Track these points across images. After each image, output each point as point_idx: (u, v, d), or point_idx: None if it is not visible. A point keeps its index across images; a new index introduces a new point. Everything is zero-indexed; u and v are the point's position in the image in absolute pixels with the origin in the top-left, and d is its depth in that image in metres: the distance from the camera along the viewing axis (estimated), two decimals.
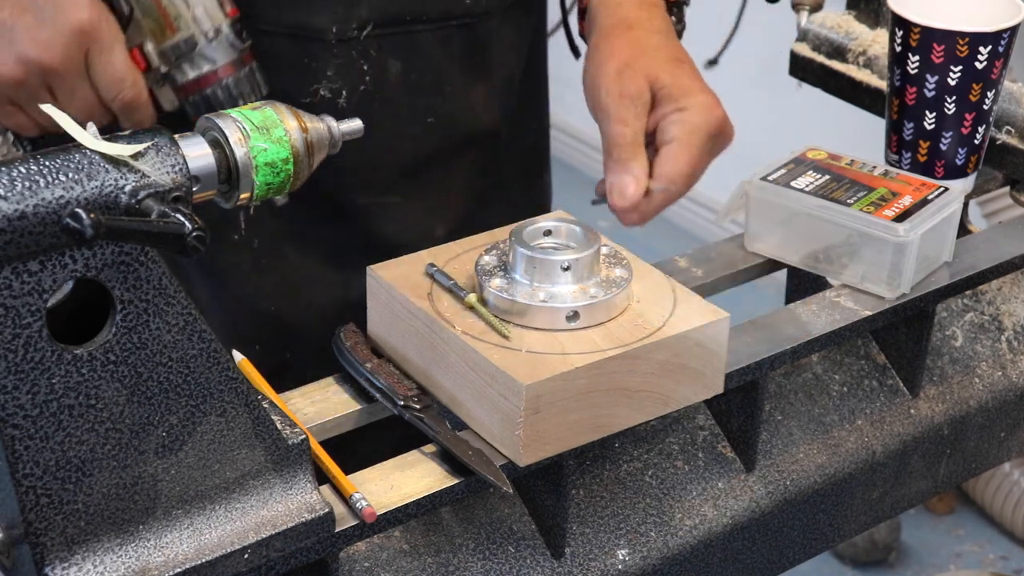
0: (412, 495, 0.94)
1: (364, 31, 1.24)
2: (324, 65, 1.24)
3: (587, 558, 1.03)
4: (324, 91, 1.25)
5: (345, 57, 1.25)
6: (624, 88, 1.15)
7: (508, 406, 0.93)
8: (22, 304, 0.76)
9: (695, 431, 1.12)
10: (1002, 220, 1.44)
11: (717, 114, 1.15)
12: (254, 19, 1.22)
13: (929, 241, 1.16)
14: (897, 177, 1.20)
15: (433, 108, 1.31)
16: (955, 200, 1.18)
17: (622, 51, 1.18)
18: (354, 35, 1.24)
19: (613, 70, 1.16)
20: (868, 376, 1.21)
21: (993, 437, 1.29)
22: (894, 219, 1.14)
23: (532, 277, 0.99)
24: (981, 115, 1.25)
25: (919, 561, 2.69)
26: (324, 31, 1.23)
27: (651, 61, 1.16)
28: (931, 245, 1.17)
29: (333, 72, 1.24)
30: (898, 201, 1.17)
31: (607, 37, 1.20)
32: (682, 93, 1.14)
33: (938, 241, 1.18)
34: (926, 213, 1.16)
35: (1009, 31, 1.22)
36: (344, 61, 1.25)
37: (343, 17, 1.23)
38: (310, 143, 0.87)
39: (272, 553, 0.87)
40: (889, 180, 1.20)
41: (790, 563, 1.18)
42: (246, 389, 0.86)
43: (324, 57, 1.24)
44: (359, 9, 1.24)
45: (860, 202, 1.16)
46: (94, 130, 0.79)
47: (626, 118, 1.14)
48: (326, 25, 1.23)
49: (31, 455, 0.79)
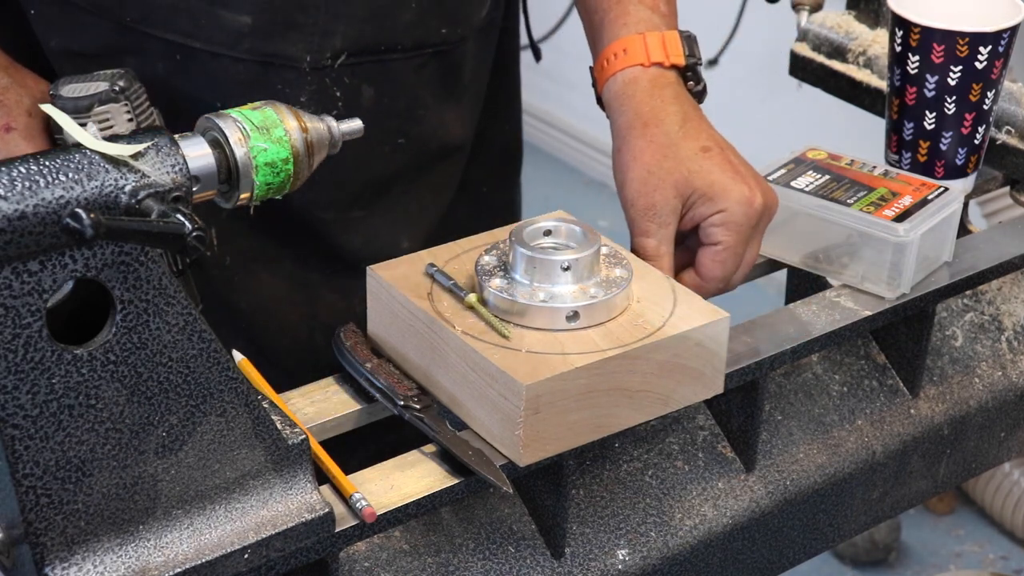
0: (412, 495, 0.94)
1: (338, 60, 1.23)
2: (298, 91, 1.23)
3: (587, 558, 1.03)
4: None
5: (319, 84, 1.24)
6: (648, 199, 1.12)
7: (508, 406, 0.93)
8: (22, 304, 0.76)
9: (695, 431, 1.12)
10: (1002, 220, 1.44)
11: (757, 205, 1.11)
12: (228, 47, 1.21)
13: (929, 241, 1.16)
14: (897, 177, 1.20)
15: (404, 130, 1.31)
16: (955, 200, 1.18)
17: (643, 154, 1.14)
18: (328, 64, 1.23)
19: (637, 178, 1.13)
20: (868, 376, 1.21)
21: (993, 437, 1.29)
22: (894, 219, 1.14)
23: (532, 277, 0.99)
24: (981, 115, 1.25)
25: (919, 561, 2.69)
26: (298, 60, 1.22)
27: (675, 164, 1.12)
28: (931, 245, 1.17)
29: (306, 98, 1.23)
30: (898, 201, 1.17)
31: (626, 139, 1.16)
32: (718, 194, 1.11)
33: (938, 241, 1.18)
34: (926, 213, 1.16)
35: (1009, 31, 1.22)
36: (317, 88, 1.24)
37: (317, 47, 1.22)
38: (310, 143, 0.87)
39: (272, 553, 0.87)
40: (889, 180, 1.20)
41: (790, 563, 1.18)
42: (246, 389, 0.86)
43: (298, 84, 1.23)
44: (333, 39, 1.23)
45: (860, 202, 1.16)
46: (94, 130, 0.79)
47: (649, 230, 1.11)
48: (300, 54, 1.22)
49: (31, 455, 0.79)
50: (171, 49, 1.21)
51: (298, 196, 1.25)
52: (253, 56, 1.21)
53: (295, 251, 1.30)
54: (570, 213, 1.07)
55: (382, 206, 1.32)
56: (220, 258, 1.28)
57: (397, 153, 1.31)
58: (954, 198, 1.18)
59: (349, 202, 1.30)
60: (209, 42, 1.20)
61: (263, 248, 1.29)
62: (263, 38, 1.21)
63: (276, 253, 1.30)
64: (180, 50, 1.21)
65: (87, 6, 1.21)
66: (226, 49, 1.21)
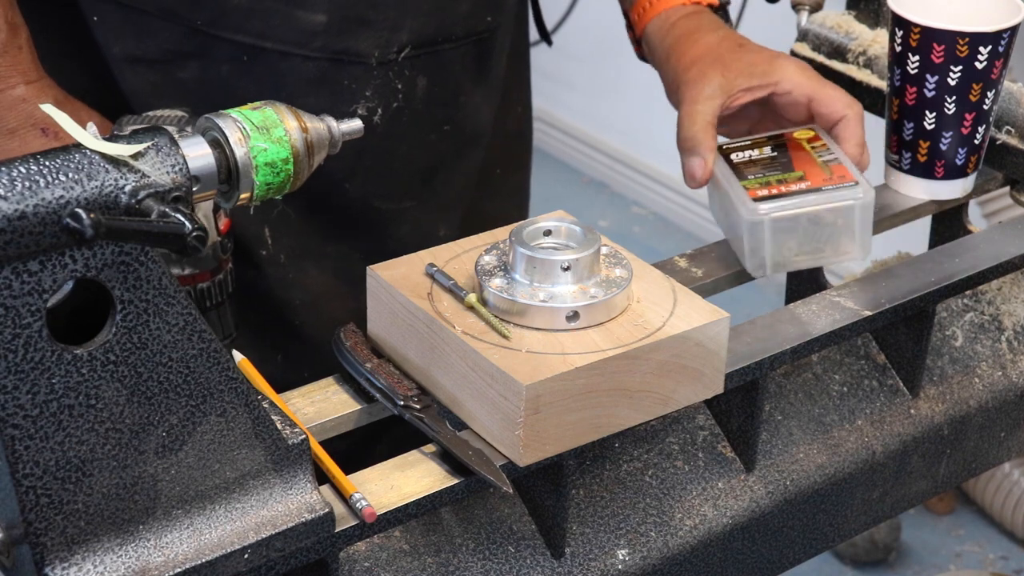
0: (412, 495, 0.94)
1: (403, 53, 1.26)
2: (363, 86, 1.26)
3: (587, 558, 1.03)
4: (361, 110, 1.27)
5: (383, 78, 1.27)
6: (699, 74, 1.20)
7: (508, 406, 0.93)
8: (22, 304, 0.76)
9: (695, 431, 1.12)
10: (1002, 220, 1.44)
11: None
12: (300, 46, 1.23)
13: (805, 229, 1.14)
14: (833, 166, 1.18)
15: (449, 117, 1.34)
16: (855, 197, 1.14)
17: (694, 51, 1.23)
18: (393, 58, 1.26)
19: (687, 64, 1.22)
20: (868, 376, 1.21)
21: (993, 437, 1.29)
22: (761, 199, 1.14)
23: (532, 277, 0.99)
24: (981, 115, 1.25)
25: (919, 561, 2.69)
26: (367, 55, 1.25)
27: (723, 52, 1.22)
28: (809, 234, 1.15)
29: (371, 92, 1.27)
30: (791, 185, 1.15)
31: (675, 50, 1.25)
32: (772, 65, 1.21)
33: (824, 233, 1.15)
34: (798, 201, 1.14)
35: (1009, 31, 1.22)
36: (382, 82, 1.27)
37: (386, 42, 1.25)
38: (310, 143, 0.87)
39: (272, 553, 0.87)
40: (818, 167, 1.17)
41: (790, 563, 1.18)
42: (246, 389, 0.86)
43: (364, 79, 1.26)
44: (401, 34, 1.26)
45: (758, 180, 1.16)
46: (94, 130, 0.79)
47: (697, 97, 1.18)
48: (369, 50, 1.25)
49: (31, 455, 0.79)
50: (239, 51, 1.23)
51: (356, 187, 1.30)
52: (324, 54, 1.24)
53: (341, 245, 1.33)
54: (570, 213, 1.07)
55: (427, 195, 1.35)
56: (275, 255, 1.30)
57: (443, 141, 1.34)
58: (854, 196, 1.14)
59: (402, 192, 1.33)
60: (281, 42, 1.23)
61: (310, 243, 1.32)
62: (335, 35, 1.23)
63: (322, 248, 1.33)
64: (248, 51, 1.23)
65: (156, 11, 1.22)
66: (297, 48, 1.23)
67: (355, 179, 1.29)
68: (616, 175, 3.74)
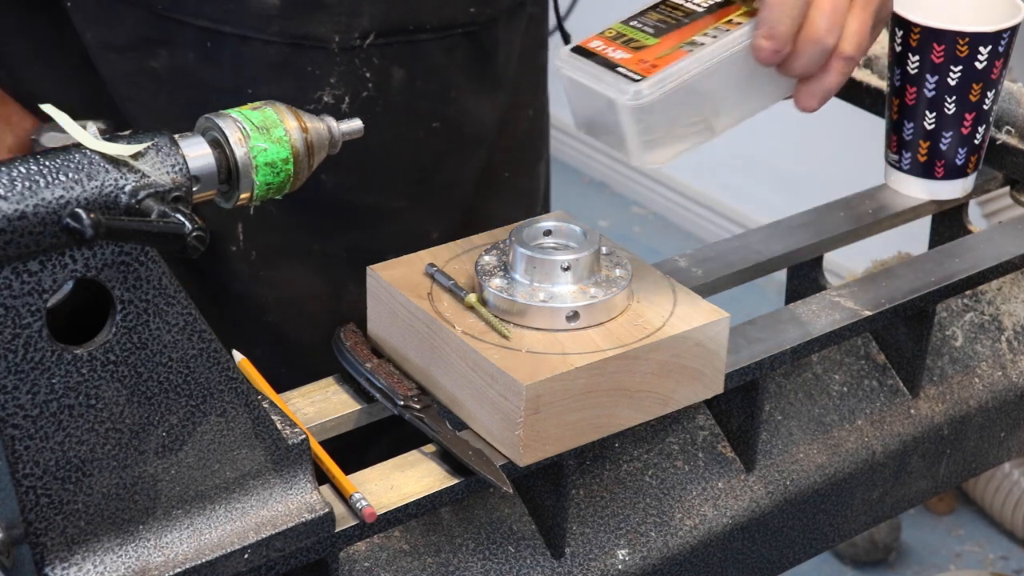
0: (412, 495, 0.94)
1: (367, 40, 1.25)
2: (327, 73, 1.25)
3: (587, 558, 1.03)
4: (327, 97, 1.26)
5: (348, 65, 1.25)
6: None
7: (508, 406, 0.93)
8: (22, 304, 0.76)
9: (695, 431, 1.12)
10: (1002, 220, 1.44)
11: None
12: (258, 30, 1.22)
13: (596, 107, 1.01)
14: (669, 54, 1.01)
15: (438, 113, 1.32)
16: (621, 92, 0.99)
17: None
18: (357, 44, 1.24)
19: None
20: (868, 376, 1.21)
21: (993, 437, 1.29)
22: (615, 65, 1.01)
23: (532, 277, 0.99)
24: (981, 115, 1.25)
25: (919, 561, 2.69)
26: (327, 40, 1.24)
27: None
28: (600, 112, 1.01)
29: (336, 79, 1.25)
30: (625, 52, 1.01)
31: None
32: None
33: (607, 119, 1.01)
34: (595, 72, 1.01)
35: (1009, 31, 1.22)
36: (347, 68, 1.25)
37: (345, 27, 1.24)
38: (310, 143, 0.87)
39: (272, 553, 0.87)
40: (669, 46, 1.02)
41: (790, 563, 1.18)
42: (246, 389, 0.86)
43: (327, 65, 1.24)
44: (361, 19, 1.24)
45: (634, 42, 1.03)
46: (94, 130, 0.79)
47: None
48: (328, 35, 1.23)
49: (31, 455, 0.79)
50: (202, 36, 1.22)
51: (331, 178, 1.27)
52: (283, 38, 1.23)
53: (324, 243, 1.31)
54: (570, 213, 1.07)
55: (419, 195, 1.33)
56: (246, 252, 1.29)
57: (432, 138, 1.32)
58: (621, 90, 0.99)
59: (386, 189, 1.31)
60: (239, 26, 1.22)
61: (291, 240, 1.30)
62: (291, 19, 1.22)
63: (305, 245, 1.31)
64: (211, 36, 1.22)
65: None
66: (256, 32, 1.22)
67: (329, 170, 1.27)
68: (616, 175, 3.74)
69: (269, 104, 0.86)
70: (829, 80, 1.03)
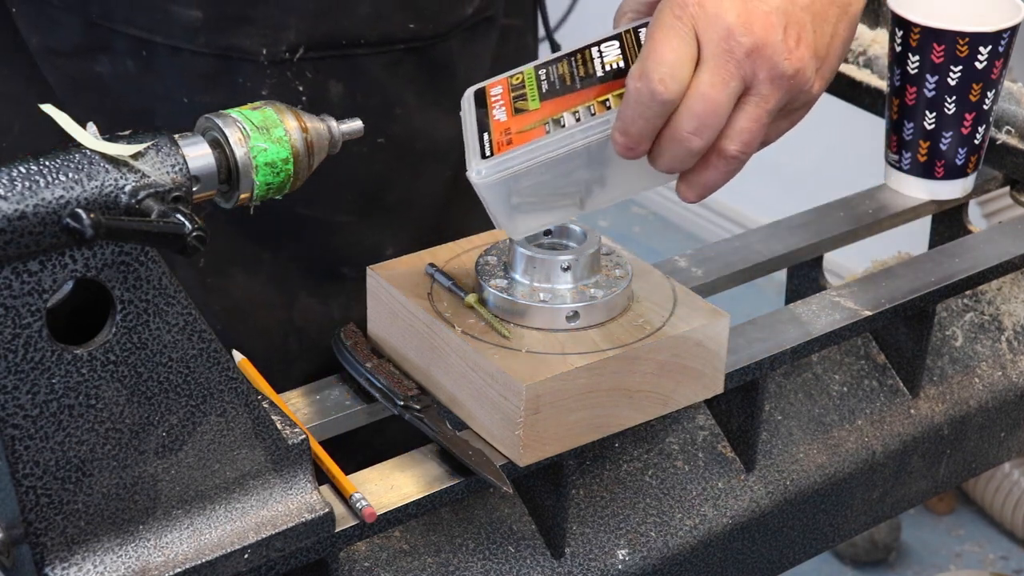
0: (412, 495, 0.94)
1: (296, 54, 1.23)
2: (258, 85, 1.22)
3: (587, 558, 1.03)
4: None
5: (279, 78, 1.23)
6: None
7: (508, 406, 0.93)
8: (22, 304, 0.76)
9: (695, 431, 1.12)
10: (1002, 220, 1.44)
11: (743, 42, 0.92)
12: (186, 41, 1.21)
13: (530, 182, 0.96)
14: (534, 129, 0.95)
15: (382, 129, 1.28)
16: (475, 170, 0.95)
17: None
18: (286, 57, 1.22)
19: None
20: (868, 376, 1.21)
21: (993, 437, 1.29)
22: None
23: (532, 277, 0.99)
24: (981, 115, 1.25)
25: (919, 561, 2.69)
26: (254, 53, 1.21)
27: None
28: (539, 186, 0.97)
29: (268, 91, 1.22)
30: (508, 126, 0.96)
31: None
32: None
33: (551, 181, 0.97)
34: None
35: (1009, 31, 1.22)
36: (278, 81, 1.23)
37: (272, 40, 1.21)
38: (310, 143, 0.87)
39: (272, 553, 0.87)
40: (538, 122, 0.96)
41: (790, 563, 1.18)
42: (246, 389, 0.86)
43: (258, 77, 1.22)
44: (287, 32, 1.21)
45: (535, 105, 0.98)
46: (94, 130, 0.79)
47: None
48: (255, 48, 1.21)
49: (31, 455, 0.79)
50: (137, 45, 1.21)
51: None
52: (211, 50, 1.21)
53: (275, 252, 1.28)
54: None
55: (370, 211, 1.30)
56: (194, 260, 1.26)
57: (379, 154, 1.28)
58: (476, 168, 0.95)
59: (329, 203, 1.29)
60: (168, 36, 1.20)
61: (241, 248, 1.27)
62: (217, 32, 1.20)
63: (255, 254, 1.28)
64: (145, 46, 1.21)
65: (59, 3, 1.21)
66: (185, 43, 1.20)
67: None
68: None
69: (269, 104, 0.87)
70: (708, 176, 0.95)
